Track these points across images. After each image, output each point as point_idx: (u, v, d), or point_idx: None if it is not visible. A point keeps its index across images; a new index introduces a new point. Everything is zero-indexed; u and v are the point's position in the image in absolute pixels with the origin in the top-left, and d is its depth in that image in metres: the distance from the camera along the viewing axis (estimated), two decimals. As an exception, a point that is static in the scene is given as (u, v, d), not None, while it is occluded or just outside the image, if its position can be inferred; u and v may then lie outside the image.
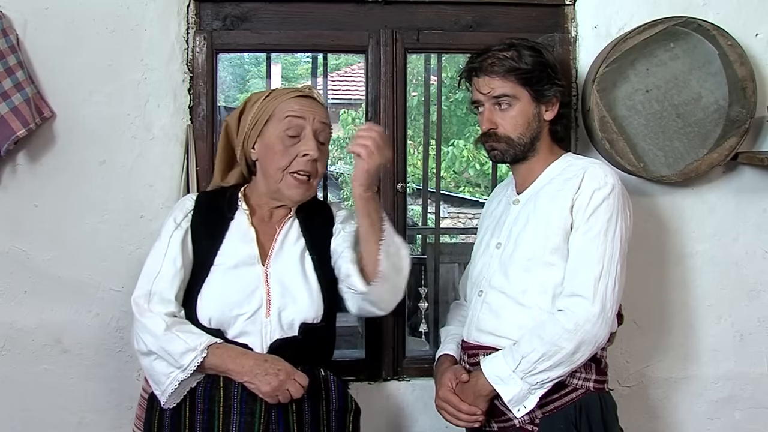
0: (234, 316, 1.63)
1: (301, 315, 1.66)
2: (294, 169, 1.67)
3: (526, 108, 1.75)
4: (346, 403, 1.72)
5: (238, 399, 1.60)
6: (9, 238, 2.01)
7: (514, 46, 1.76)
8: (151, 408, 1.70)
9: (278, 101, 1.70)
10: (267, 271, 1.68)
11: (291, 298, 1.66)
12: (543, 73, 1.75)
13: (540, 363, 1.60)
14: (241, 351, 1.61)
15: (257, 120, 1.70)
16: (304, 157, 1.67)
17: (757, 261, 2.15)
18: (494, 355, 1.68)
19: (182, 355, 1.57)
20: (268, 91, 1.76)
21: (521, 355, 1.62)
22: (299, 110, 1.68)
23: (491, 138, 1.78)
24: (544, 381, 1.62)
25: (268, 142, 1.69)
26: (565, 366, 1.61)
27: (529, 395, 1.63)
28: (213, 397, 1.61)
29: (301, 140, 1.67)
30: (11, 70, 1.89)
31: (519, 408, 1.64)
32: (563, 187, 1.71)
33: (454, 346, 1.87)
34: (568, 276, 1.66)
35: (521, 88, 1.74)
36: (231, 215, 1.74)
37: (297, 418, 1.62)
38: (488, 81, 1.75)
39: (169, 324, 1.60)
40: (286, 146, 1.67)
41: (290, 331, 1.65)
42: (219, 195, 1.79)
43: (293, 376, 1.58)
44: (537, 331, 1.63)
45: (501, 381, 1.64)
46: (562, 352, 1.59)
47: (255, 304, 1.64)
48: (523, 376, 1.62)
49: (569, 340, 1.59)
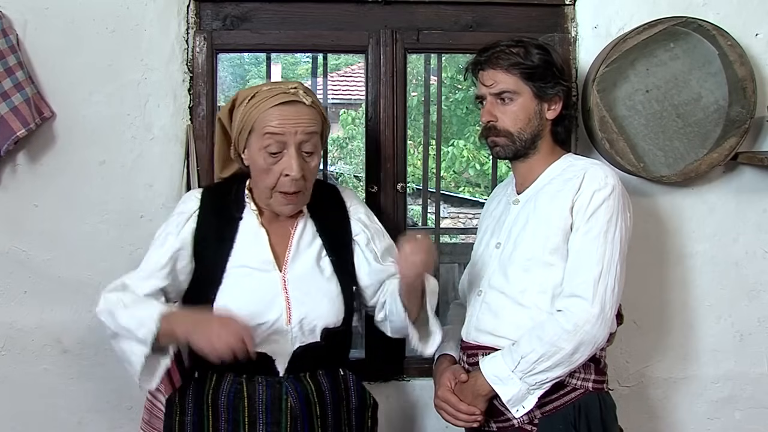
0: (254, 326, 1.58)
1: (323, 321, 1.64)
2: (280, 189, 1.61)
3: (528, 104, 1.75)
4: (364, 400, 1.73)
5: (263, 409, 1.59)
6: (9, 238, 2.01)
7: (522, 43, 1.76)
8: (170, 415, 1.68)
9: (259, 110, 1.59)
10: (285, 277, 1.65)
11: (312, 305, 1.64)
12: (548, 71, 1.75)
13: (539, 363, 1.60)
14: (189, 313, 1.57)
15: (242, 128, 1.63)
16: (287, 177, 1.59)
17: (757, 261, 2.15)
18: (493, 355, 1.68)
19: (139, 329, 1.53)
20: (254, 91, 1.64)
21: (520, 355, 1.62)
22: (279, 126, 1.57)
23: (491, 132, 1.78)
24: (542, 381, 1.62)
25: (252, 156, 1.63)
26: (564, 366, 1.61)
27: (528, 395, 1.63)
28: (237, 407, 1.59)
29: (283, 157, 1.59)
30: (11, 70, 1.89)
31: (518, 408, 1.64)
32: (563, 187, 1.71)
33: (454, 346, 1.87)
34: (567, 277, 1.66)
35: (524, 83, 1.74)
36: (239, 215, 1.69)
37: (321, 422, 1.62)
38: (492, 74, 1.75)
39: (126, 302, 1.57)
40: (268, 164, 1.59)
41: (312, 337, 1.64)
42: (225, 192, 1.73)
43: (238, 333, 1.46)
44: (536, 331, 1.63)
45: (500, 381, 1.64)
46: (561, 352, 1.59)
47: (275, 312, 1.62)
48: (522, 376, 1.62)
49: (568, 341, 1.59)
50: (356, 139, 9.92)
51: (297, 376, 1.63)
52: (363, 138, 3.16)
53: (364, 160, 2.28)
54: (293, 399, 1.60)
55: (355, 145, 10.05)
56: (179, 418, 1.65)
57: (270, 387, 1.60)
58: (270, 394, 1.59)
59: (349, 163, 10.23)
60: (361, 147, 8.79)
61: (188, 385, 1.68)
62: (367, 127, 2.15)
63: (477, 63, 1.80)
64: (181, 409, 1.65)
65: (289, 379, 1.61)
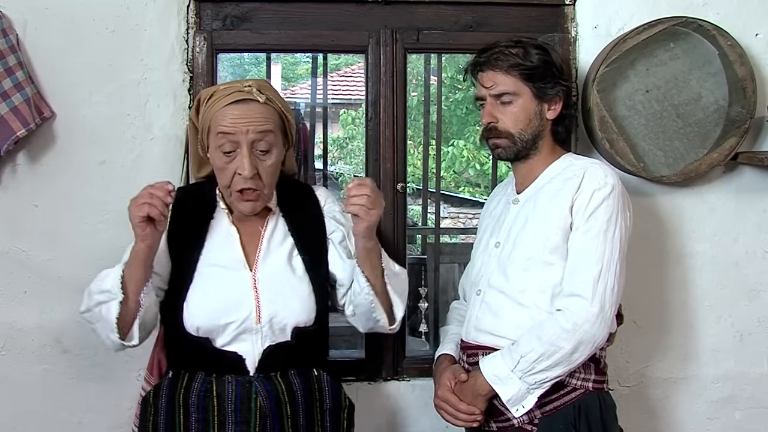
0: (223, 325, 1.60)
1: (293, 320, 1.64)
2: (237, 188, 1.61)
3: (528, 104, 1.75)
4: (339, 402, 1.71)
5: (233, 409, 1.59)
6: (9, 238, 2.01)
7: (521, 44, 1.76)
8: (144, 415, 1.68)
9: (214, 110, 1.60)
10: (255, 277, 1.65)
11: (282, 304, 1.63)
12: (547, 71, 1.75)
13: (538, 363, 1.60)
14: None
15: (203, 127, 1.64)
16: (239, 176, 1.59)
17: (757, 261, 2.15)
18: (493, 355, 1.68)
19: (106, 281, 1.57)
20: (212, 90, 1.65)
21: (520, 354, 1.62)
22: (230, 125, 1.57)
23: (492, 133, 1.78)
24: (542, 381, 1.62)
25: (211, 155, 1.64)
26: (563, 366, 1.61)
27: (528, 395, 1.63)
28: (207, 407, 1.59)
29: (236, 156, 1.58)
30: (11, 70, 1.89)
31: (518, 408, 1.64)
32: (563, 186, 1.71)
33: (453, 346, 1.87)
34: (567, 276, 1.66)
35: (523, 84, 1.74)
36: (211, 214, 1.70)
37: (292, 423, 1.61)
38: (492, 75, 1.75)
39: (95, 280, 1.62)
40: (223, 163, 1.60)
41: (282, 336, 1.63)
42: (197, 192, 1.75)
43: (147, 191, 1.52)
44: (536, 331, 1.63)
45: (499, 381, 1.64)
46: (561, 352, 1.59)
47: (245, 311, 1.61)
48: (521, 375, 1.62)
49: (568, 340, 1.59)
50: (356, 139, 9.93)
51: (267, 375, 1.62)
52: (363, 138, 3.17)
53: (364, 160, 2.28)
54: (263, 398, 1.59)
55: (355, 145, 10.06)
56: (153, 419, 1.65)
57: (239, 386, 1.60)
58: (239, 393, 1.59)
59: (349, 163, 10.23)
60: (361, 147, 8.80)
61: (161, 384, 1.68)
62: (367, 127, 2.15)
63: (476, 64, 1.80)
64: (155, 410, 1.65)
65: (259, 379, 1.61)
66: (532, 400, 1.64)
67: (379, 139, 2.11)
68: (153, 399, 1.68)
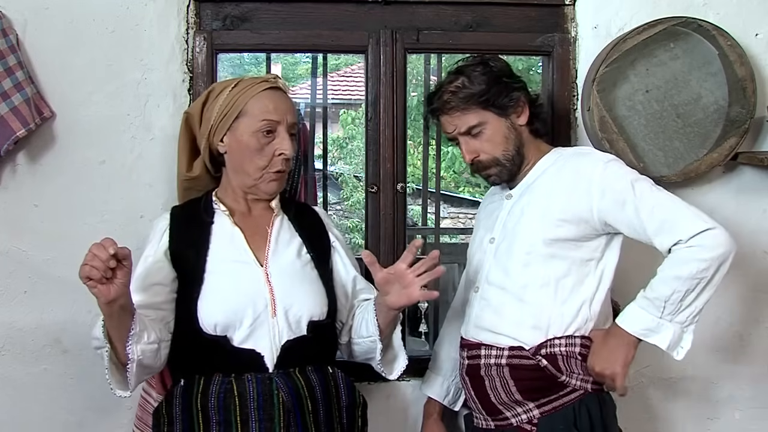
0: (239, 320, 1.60)
1: (307, 312, 1.65)
2: (273, 169, 1.69)
3: (498, 126, 1.74)
4: (354, 399, 1.72)
5: (255, 406, 1.57)
6: (9, 238, 2.01)
7: (462, 72, 1.75)
8: (157, 426, 1.66)
9: (248, 95, 1.67)
10: (267, 271, 1.66)
11: (296, 296, 1.65)
12: (498, 85, 1.73)
13: (685, 299, 1.59)
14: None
15: (226, 113, 1.67)
16: (280, 156, 1.68)
17: (757, 261, 2.15)
18: (628, 315, 1.64)
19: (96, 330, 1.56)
20: (234, 81, 1.71)
21: (663, 300, 1.60)
22: (274, 111, 1.67)
23: (480, 167, 1.78)
24: (693, 313, 1.61)
25: (242, 138, 1.67)
26: (710, 289, 1.60)
27: (684, 334, 1.62)
28: (228, 407, 1.57)
29: (275, 138, 1.68)
30: (11, 70, 1.89)
31: (677, 351, 1.63)
32: (560, 176, 1.71)
33: (441, 390, 1.96)
34: (665, 240, 1.61)
35: (483, 111, 1.73)
36: (210, 219, 1.72)
37: (313, 418, 1.61)
38: (450, 119, 1.76)
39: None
40: (262, 145, 1.67)
41: (298, 330, 1.64)
42: (193, 204, 1.77)
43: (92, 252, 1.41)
44: (670, 272, 1.60)
45: (652, 332, 1.62)
46: (704, 280, 1.58)
47: (260, 305, 1.62)
48: (671, 318, 1.60)
49: (708, 269, 1.57)
50: (356, 139, 9.92)
51: (286, 371, 1.62)
52: (363, 138, 3.16)
53: (364, 160, 2.28)
54: (285, 394, 1.59)
55: (355, 145, 10.04)
56: (167, 428, 1.62)
57: (260, 383, 1.59)
58: (261, 391, 1.58)
59: (349, 163, 10.22)
60: (361, 147, 8.78)
61: (174, 392, 1.65)
62: (367, 127, 2.16)
63: (432, 112, 1.81)
64: (168, 419, 1.63)
65: (279, 375, 1.61)
66: (688, 339, 1.63)
67: (379, 139, 2.11)
68: (166, 409, 1.65)
